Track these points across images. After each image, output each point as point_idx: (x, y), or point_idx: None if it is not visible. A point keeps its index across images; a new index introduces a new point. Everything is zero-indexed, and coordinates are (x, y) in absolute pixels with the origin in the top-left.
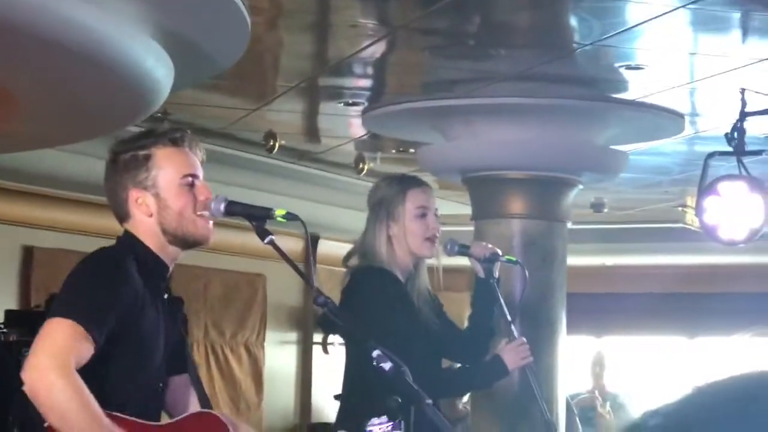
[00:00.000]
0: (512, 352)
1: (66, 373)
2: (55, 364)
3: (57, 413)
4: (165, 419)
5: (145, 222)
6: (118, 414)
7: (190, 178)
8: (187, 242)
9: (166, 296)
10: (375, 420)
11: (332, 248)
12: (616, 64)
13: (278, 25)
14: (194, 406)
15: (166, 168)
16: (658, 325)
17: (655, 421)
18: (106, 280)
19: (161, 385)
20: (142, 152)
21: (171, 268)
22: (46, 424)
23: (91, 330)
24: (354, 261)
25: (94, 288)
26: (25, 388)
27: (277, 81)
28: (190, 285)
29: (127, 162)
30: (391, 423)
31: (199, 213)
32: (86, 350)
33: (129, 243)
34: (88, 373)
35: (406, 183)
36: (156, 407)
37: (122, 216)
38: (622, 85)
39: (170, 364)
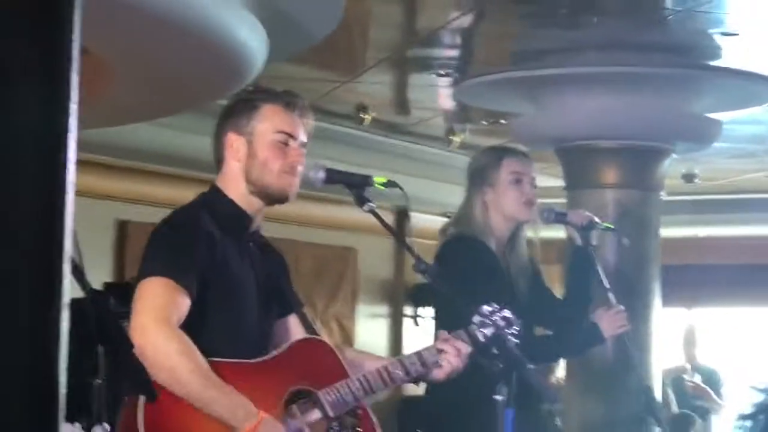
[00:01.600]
0: (609, 320)
1: (169, 329)
2: (157, 322)
3: (165, 370)
4: None
5: (232, 168)
6: (218, 359)
7: (284, 136)
8: (267, 195)
9: (251, 244)
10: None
11: (423, 221)
12: (710, 30)
13: None
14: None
15: (266, 121)
16: (751, 297)
17: None
18: (182, 236)
19: (264, 327)
20: (252, 102)
21: (256, 219)
22: None
23: (183, 283)
24: (451, 228)
25: (174, 244)
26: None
27: (367, 53)
28: None
29: (233, 107)
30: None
31: (285, 171)
32: (184, 304)
33: (207, 198)
34: (185, 326)
35: (503, 151)
36: (261, 350)
37: (218, 163)
38: (715, 52)
39: (273, 307)
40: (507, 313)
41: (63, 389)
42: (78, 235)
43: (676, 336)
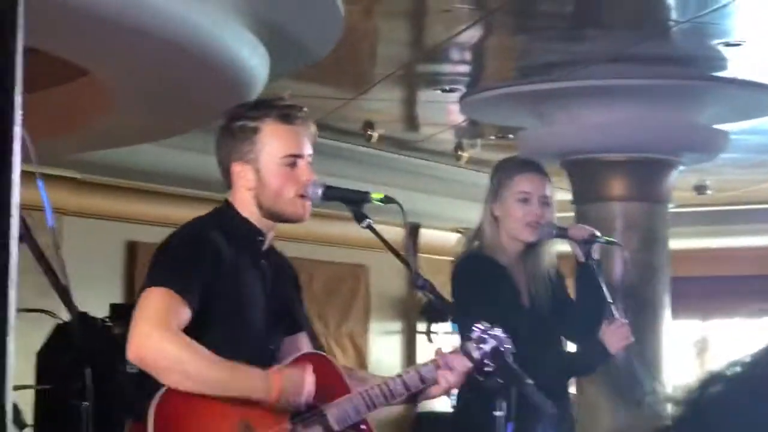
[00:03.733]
0: (612, 335)
1: (170, 332)
2: (157, 327)
3: (174, 368)
4: None
5: (243, 194)
6: None
7: (291, 159)
8: (281, 219)
9: (263, 261)
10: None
11: (433, 237)
12: (714, 42)
13: (373, 11)
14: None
15: (270, 144)
16: (763, 307)
17: (734, 370)
18: (191, 249)
19: (271, 348)
20: (251, 123)
21: (269, 236)
22: (154, 404)
23: (184, 294)
24: (466, 244)
25: (181, 257)
26: (131, 358)
27: (374, 69)
28: None
29: (235, 131)
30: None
31: (298, 194)
32: (184, 314)
33: (220, 213)
34: (189, 335)
35: (517, 167)
36: (265, 366)
37: (226, 182)
38: (720, 63)
39: (281, 324)
40: (498, 331)
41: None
42: (83, 255)
43: (688, 348)
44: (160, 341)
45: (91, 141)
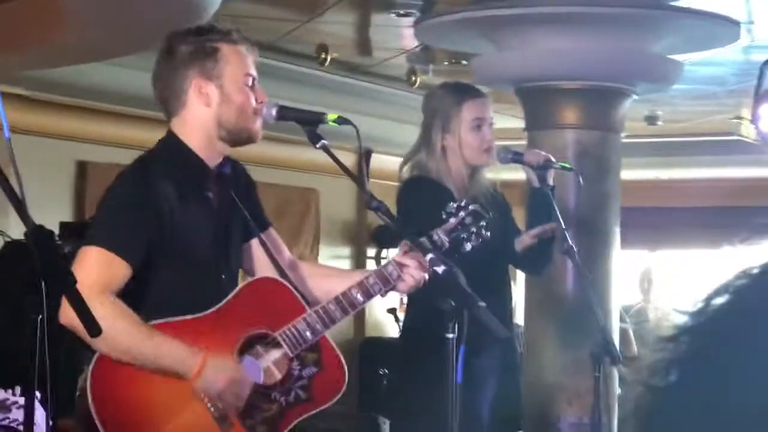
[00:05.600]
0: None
1: (102, 299)
2: (89, 293)
3: (104, 341)
4: None
5: (200, 113)
6: (162, 320)
7: (250, 78)
8: (240, 138)
9: (210, 191)
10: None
11: (385, 162)
12: None
13: None
14: (265, 266)
15: (232, 63)
16: (712, 239)
17: (741, 281)
18: (128, 202)
19: (222, 277)
20: (209, 44)
21: (213, 167)
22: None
23: (120, 252)
24: (407, 172)
25: (118, 211)
26: (63, 322)
27: None
28: None
29: (193, 52)
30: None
31: (256, 113)
32: (120, 272)
33: (165, 148)
34: (138, 284)
35: (463, 93)
36: (219, 298)
37: (174, 107)
38: None
39: (234, 244)
40: (474, 206)
41: None
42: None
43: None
44: (93, 309)
45: (42, 58)
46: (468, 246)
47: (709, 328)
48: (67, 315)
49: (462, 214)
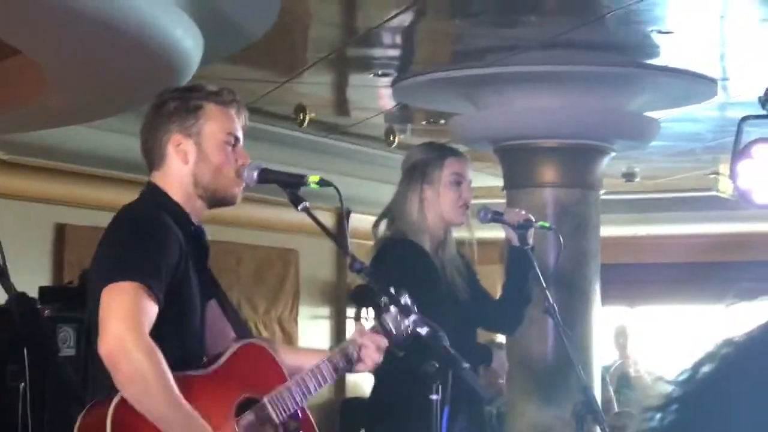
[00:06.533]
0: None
1: (144, 342)
2: (131, 332)
3: (138, 383)
4: None
5: (178, 170)
6: (175, 373)
7: (232, 138)
8: (216, 199)
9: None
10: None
11: (363, 222)
12: (648, 29)
13: None
14: (229, 330)
15: (213, 122)
16: (691, 295)
17: (726, 349)
18: (150, 236)
19: (203, 333)
20: (193, 102)
21: (196, 222)
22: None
23: (152, 288)
24: (383, 227)
25: (141, 245)
26: (104, 356)
27: (306, 53)
28: (222, 261)
29: (175, 108)
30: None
31: (236, 175)
32: (153, 310)
33: (154, 196)
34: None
35: (445, 150)
36: (202, 354)
37: (155, 162)
38: (653, 51)
39: (202, 297)
40: (404, 300)
41: None
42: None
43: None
44: (136, 350)
45: (21, 121)
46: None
47: (697, 397)
48: (107, 351)
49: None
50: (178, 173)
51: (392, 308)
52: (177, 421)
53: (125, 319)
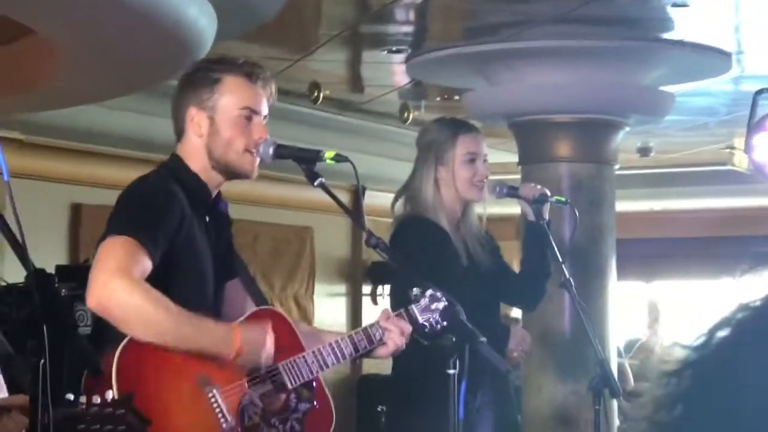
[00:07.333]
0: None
1: (130, 281)
2: (119, 275)
3: (138, 320)
4: None
5: (194, 142)
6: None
7: (248, 112)
8: (229, 171)
9: (208, 216)
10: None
11: (378, 199)
12: (662, 2)
13: None
14: (250, 307)
15: (229, 96)
16: (707, 269)
17: (742, 314)
18: (154, 201)
19: (218, 297)
20: (213, 74)
21: (214, 193)
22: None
23: (146, 244)
24: (400, 206)
25: (147, 207)
26: (94, 308)
27: (320, 30)
28: (239, 239)
29: (196, 79)
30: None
31: (246, 150)
32: (146, 264)
33: (172, 167)
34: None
35: (458, 128)
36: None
37: (178, 133)
38: (667, 24)
39: (220, 272)
40: (433, 291)
41: None
42: (27, 218)
43: (636, 309)
44: (123, 291)
45: (36, 101)
46: (427, 328)
47: (713, 361)
48: (96, 300)
49: (425, 299)
50: (195, 145)
51: (422, 300)
52: (195, 335)
53: (112, 269)
